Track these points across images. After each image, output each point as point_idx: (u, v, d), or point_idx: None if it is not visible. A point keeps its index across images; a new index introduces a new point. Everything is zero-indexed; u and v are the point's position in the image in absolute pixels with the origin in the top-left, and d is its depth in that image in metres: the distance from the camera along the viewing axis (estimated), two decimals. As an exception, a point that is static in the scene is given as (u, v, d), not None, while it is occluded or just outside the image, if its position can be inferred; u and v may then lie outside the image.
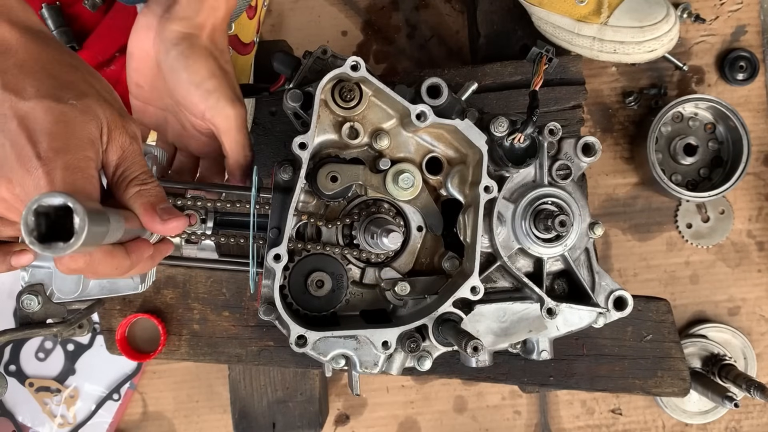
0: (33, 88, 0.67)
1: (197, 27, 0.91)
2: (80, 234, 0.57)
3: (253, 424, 1.38)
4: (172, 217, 0.74)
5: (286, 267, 0.95)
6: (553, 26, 1.36)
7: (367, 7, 1.64)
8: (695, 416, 1.56)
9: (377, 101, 0.98)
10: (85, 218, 0.57)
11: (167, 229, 0.73)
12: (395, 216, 1.03)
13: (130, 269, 0.74)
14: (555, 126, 1.02)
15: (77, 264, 0.66)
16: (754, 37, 1.57)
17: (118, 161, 0.73)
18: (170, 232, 0.74)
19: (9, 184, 0.67)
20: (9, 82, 0.67)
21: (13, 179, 0.66)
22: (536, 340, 1.04)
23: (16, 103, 0.66)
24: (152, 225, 0.73)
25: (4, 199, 0.68)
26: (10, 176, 0.66)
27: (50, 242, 0.57)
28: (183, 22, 0.90)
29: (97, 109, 0.70)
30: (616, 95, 1.58)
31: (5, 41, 0.70)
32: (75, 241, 0.57)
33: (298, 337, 0.93)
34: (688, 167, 1.53)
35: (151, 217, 0.73)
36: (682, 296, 1.58)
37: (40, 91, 0.67)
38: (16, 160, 0.65)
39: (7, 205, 0.69)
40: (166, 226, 0.73)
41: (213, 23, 0.93)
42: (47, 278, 0.96)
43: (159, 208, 0.73)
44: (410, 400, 1.60)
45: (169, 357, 1.28)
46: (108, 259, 0.69)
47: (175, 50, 0.90)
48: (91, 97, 0.70)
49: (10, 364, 1.59)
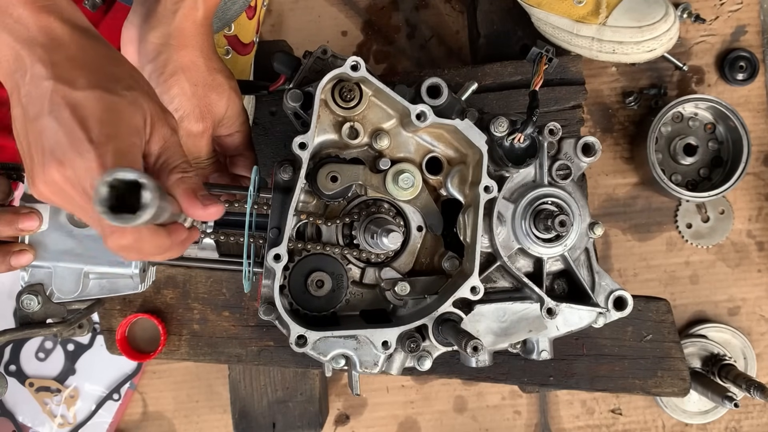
0: (84, 80, 0.71)
1: (175, 32, 0.92)
2: (148, 207, 0.61)
3: (253, 424, 1.38)
4: (212, 203, 0.77)
5: (286, 267, 0.95)
6: (552, 27, 1.36)
7: (367, 7, 1.64)
8: (695, 416, 1.56)
9: (377, 101, 0.98)
10: (154, 194, 0.62)
11: (207, 214, 0.77)
12: (395, 216, 1.03)
13: (169, 250, 0.77)
14: (555, 126, 1.02)
15: (126, 240, 0.70)
16: (754, 37, 1.57)
17: (160, 150, 0.77)
18: (210, 217, 0.78)
19: (60, 167, 0.69)
20: (61, 74, 0.71)
21: (64, 162, 0.69)
22: (536, 340, 1.04)
23: (68, 92, 0.70)
24: (193, 210, 0.76)
25: (54, 181, 0.71)
26: (62, 159, 0.69)
27: (120, 213, 0.61)
28: (160, 29, 0.93)
29: (142, 101, 0.74)
30: (616, 95, 1.58)
31: (57, 36, 0.73)
32: (142, 213, 0.61)
33: (298, 337, 0.93)
34: (688, 167, 1.53)
35: (192, 203, 0.76)
36: (682, 296, 1.58)
37: (91, 82, 0.71)
38: (68, 144, 0.69)
39: (55, 188, 0.72)
40: (207, 210, 0.77)
41: (192, 24, 0.93)
42: (47, 278, 0.96)
43: (199, 195, 0.77)
44: (410, 400, 1.60)
45: (169, 357, 1.28)
46: (153, 238, 0.73)
47: (150, 66, 0.94)
48: (136, 90, 0.75)
49: (10, 364, 1.59)
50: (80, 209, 0.73)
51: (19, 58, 0.72)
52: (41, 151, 0.71)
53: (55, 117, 0.70)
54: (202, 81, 0.95)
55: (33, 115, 0.71)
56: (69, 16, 0.75)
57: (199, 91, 0.95)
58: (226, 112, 1.00)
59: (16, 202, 1.04)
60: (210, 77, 0.96)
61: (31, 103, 0.71)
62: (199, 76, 0.95)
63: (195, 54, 0.94)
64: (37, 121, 0.71)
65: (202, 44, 0.95)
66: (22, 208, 0.94)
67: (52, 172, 0.70)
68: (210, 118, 0.97)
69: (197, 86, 0.95)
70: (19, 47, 0.72)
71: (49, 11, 0.74)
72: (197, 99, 0.95)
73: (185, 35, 0.93)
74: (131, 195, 0.62)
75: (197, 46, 0.95)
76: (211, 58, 0.97)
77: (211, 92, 0.96)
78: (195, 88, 0.95)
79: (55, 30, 0.73)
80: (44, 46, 0.72)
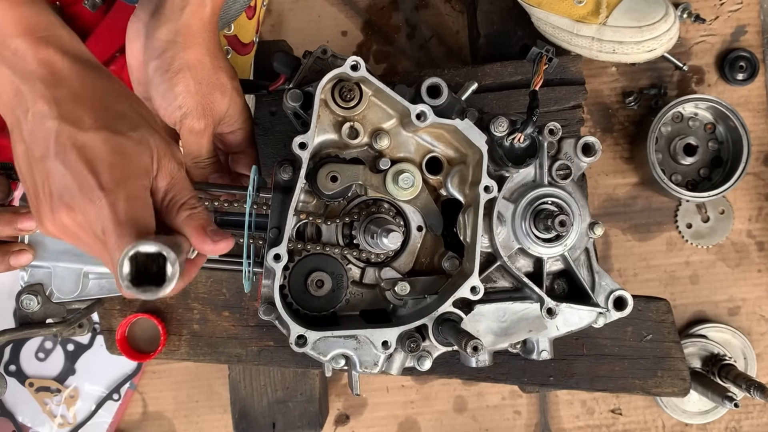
0: (90, 119, 0.70)
1: (183, 29, 0.92)
2: (172, 279, 0.63)
3: (253, 424, 1.38)
4: (221, 239, 0.78)
5: (286, 267, 0.95)
6: (553, 27, 1.36)
7: (367, 7, 1.64)
8: (695, 416, 1.56)
9: (377, 101, 0.98)
10: (177, 266, 0.63)
11: (217, 249, 0.78)
12: (395, 216, 1.03)
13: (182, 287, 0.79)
14: (555, 126, 1.02)
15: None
16: (754, 37, 1.57)
17: (168, 187, 0.77)
18: (219, 252, 0.78)
19: (71, 212, 0.69)
20: (66, 114, 0.70)
21: (75, 207, 0.69)
22: (536, 340, 1.04)
23: (74, 133, 0.69)
24: (203, 246, 0.77)
25: (63, 225, 0.71)
26: (72, 204, 0.69)
27: (145, 286, 0.62)
28: (168, 26, 0.92)
29: (149, 139, 0.74)
30: (616, 95, 1.58)
31: (57, 71, 0.72)
32: (167, 285, 0.63)
33: (297, 336, 0.93)
34: (688, 167, 1.53)
35: (202, 240, 0.77)
36: (682, 296, 1.58)
37: (97, 122, 0.70)
38: (78, 190, 0.68)
39: (65, 230, 0.72)
40: (216, 246, 0.77)
41: (200, 22, 0.93)
42: (46, 278, 0.96)
43: (209, 231, 0.77)
44: (410, 400, 1.60)
45: (169, 357, 1.28)
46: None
47: (155, 62, 0.93)
48: (143, 128, 0.74)
49: (10, 364, 1.59)
50: (91, 250, 0.73)
51: (20, 93, 0.71)
52: (49, 194, 0.70)
53: (61, 160, 0.69)
54: (206, 79, 0.95)
55: (38, 156, 0.70)
56: (69, 48, 0.74)
57: (203, 89, 0.95)
58: (228, 110, 1.00)
59: (15, 202, 1.04)
60: (215, 76, 0.96)
61: (35, 142, 0.70)
62: (204, 74, 0.95)
63: (201, 52, 0.95)
64: (43, 162, 0.70)
65: (209, 42, 0.96)
66: (21, 208, 0.94)
67: (61, 216, 0.70)
68: (212, 116, 0.97)
69: (201, 84, 0.95)
70: (18, 82, 0.71)
71: (47, 43, 0.72)
72: (201, 97, 0.95)
73: (192, 32, 0.93)
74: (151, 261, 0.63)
75: (204, 44, 0.95)
76: (216, 57, 0.97)
77: (215, 90, 0.97)
78: (199, 86, 0.95)
79: (56, 63, 0.72)
80: (45, 81, 0.71)
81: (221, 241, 0.77)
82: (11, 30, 0.71)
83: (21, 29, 0.71)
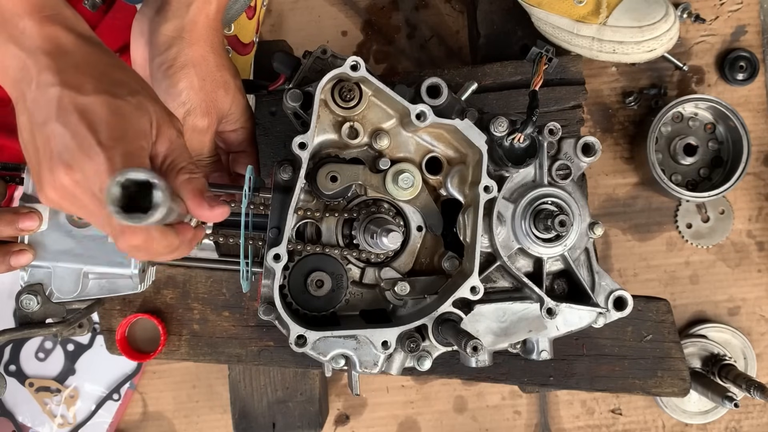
0: (91, 85, 0.72)
1: (188, 25, 0.92)
2: (160, 207, 0.63)
3: (253, 424, 1.38)
4: (218, 204, 0.78)
5: (286, 267, 0.95)
6: (553, 27, 1.36)
7: (367, 7, 1.64)
8: (695, 416, 1.56)
9: (377, 101, 0.98)
10: (165, 194, 0.63)
11: (213, 215, 0.78)
12: (395, 216, 1.03)
13: (177, 249, 0.78)
14: (555, 126, 1.02)
15: (137, 240, 0.71)
16: (754, 37, 1.57)
17: (167, 152, 0.78)
18: (216, 218, 0.79)
19: (69, 170, 0.70)
20: (68, 80, 0.72)
21: (73, 165, 0.70)
22: (536, 340, 1.04)
23: (75, 98, 0.71)
24: (200, 210, 0.77)
25: (63, 185, 0.71)
26: (71, 162, 0.70)
27: (131, 212, 0.62)
28: (173, 22, 0.93)
29: (148, 105, 0.75)
30: (616, 95, 1.58)
31: (62, 45, 0.74)
32: (154, 212, 0.63)
33: (297, 336, 0.93)
34: (688, 167, 1.53)
35: (199, 203, 0.77)
36: (682, 296, 1.58)
37: (97, 87, 0.72)
38: (77, 148, 0.70)
39: (64, 192, 0.72)
40: (213, 212, 0.78)
41: (206, 19, 0.93)
42: (46, 278, 0.96)
43: (206, 196, 0.78)
44: (410, 400, 1.60)
45: (169, 357, 1.28)
46: (162, 238, 0.74)
47: (160, 58, 0.94)
48: (142, 95, 0.76)
49: (10, 364, 1.59)
50: (89, 213, 0.73)
51: (25, 67, 0.73)
52: (49, 155, 0.71)
53: (62, 122, 0.70)
54: (210, 76, 0.95)
55: (41, 121, 0.71)
56: (73, 25, 0.76)
57: (207, 86, 0.95)
58: (231, 108, 1.00)
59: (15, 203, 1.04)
60: (218, 73, 0.97)
61: (38, 109, 0.72)
62: (208, 72, 0.95)
63: (206, 49, 0.95)
64: (45, 126, 0.71)
65: (213, 39, 0.96)
66: (21, 208, 0.94)
67: (60, 176, 0.71)
68: (215, 114, 0.97)
69: (205, 81, 0.95)
70: (24, 56, 0.73)
71: (53, 21, 0.75)
72: (204, 94, 0.95)
73: (198, 29, 0.94)
74: (141, 196, 0.63)
75: (208, 41, 0.95)
76: (220, 54, 0.97)
77: (218, 88, 0.97)
78: (203, 83, 0.95)
79: (60, 39, 0.74)
80: (50, 54, 0.73)
81: (217, 207, 0.78)
82: (19, 9, 0.74)
83: (29, 8, 0.74)
